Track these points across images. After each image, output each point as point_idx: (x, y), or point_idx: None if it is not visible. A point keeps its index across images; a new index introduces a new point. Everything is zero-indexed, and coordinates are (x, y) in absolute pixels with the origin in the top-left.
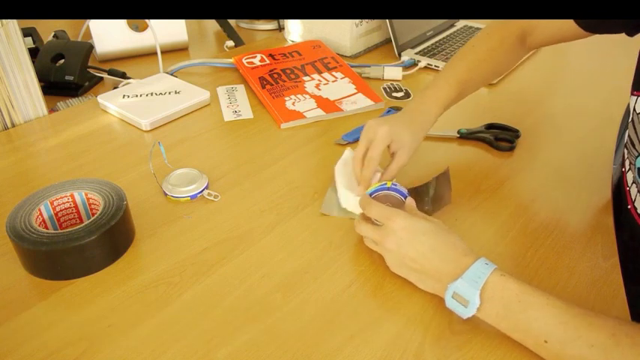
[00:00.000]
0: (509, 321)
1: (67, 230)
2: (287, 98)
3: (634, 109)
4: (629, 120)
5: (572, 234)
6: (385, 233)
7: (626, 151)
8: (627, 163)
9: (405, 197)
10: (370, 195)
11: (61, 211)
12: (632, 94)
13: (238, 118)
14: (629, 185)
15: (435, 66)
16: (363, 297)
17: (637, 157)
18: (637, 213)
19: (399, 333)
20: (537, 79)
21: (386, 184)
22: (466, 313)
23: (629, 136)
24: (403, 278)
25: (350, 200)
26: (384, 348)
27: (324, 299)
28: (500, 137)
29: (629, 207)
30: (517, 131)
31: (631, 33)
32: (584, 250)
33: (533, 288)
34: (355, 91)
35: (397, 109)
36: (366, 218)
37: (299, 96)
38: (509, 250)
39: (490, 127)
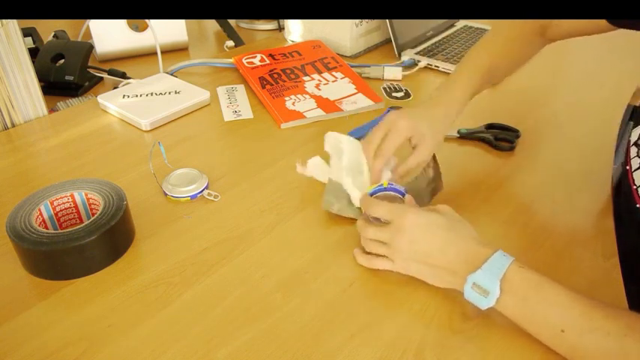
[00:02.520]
0: (526, 311)
1: (67, 230)
2: (287, 98)
3: None
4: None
5: (572, 234)
6: (395, 231)
7: (635, 148)
8: (636, 161)
9: (404, 195)
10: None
11: (61, 211)
12: None
13: (238, 118)
14: (637, 184)
15: (435, 66)
16: (363, 297)
17: None
18: None
19: (399, 333)
20: (538, 79)
21: (382, 184)
22: (486, 303)
23: None
24: (403, 278)
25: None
26: (384, 348)
27: (324, 299)
28: (500, 137)
29: (637, 206)
30: (517, 131)
31: None
32: (584, 250)
33: (551, 279)
34: (355, 91)
35: (397, 109)
36: (367, 219)
37: (299, 96)
38: (509, 250)
39: (490, 127)
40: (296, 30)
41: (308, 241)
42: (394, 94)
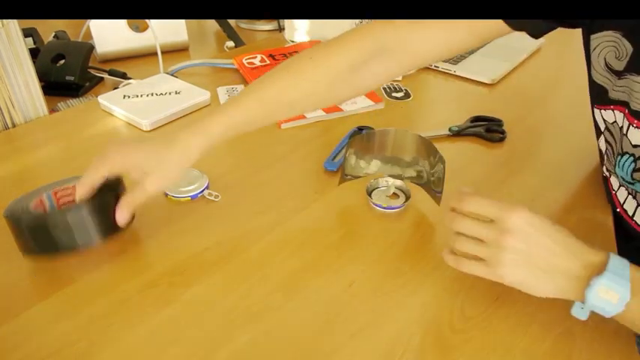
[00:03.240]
0: None
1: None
2: None
3: (604, 120)
4: (603, 129)
5: (572, 233)
6: (504, 229)
7: (606, 157)
8: (606, 169)
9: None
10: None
11: (64, 204)
12: (594, 107)
13: None
14: (615, 189)
15: (435, 66)
16: (363, 297)
17: (614, 166)
18: (628, 215)
19: (399, 333)
20: (537, 78)
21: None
22: (614, 309)
23: (607, 143)
24: (403, 278)
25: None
26: (384, 348)
27: (324, 299)
28: (492, 129)
29: (617, 210)
30: (500, 121)
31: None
32: None
33: None
34: None
35: (367, 128)
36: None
37: None
38: None
39: (476, 119)
40: (296, 30)
41: (308, 241)
42: (394, 94)
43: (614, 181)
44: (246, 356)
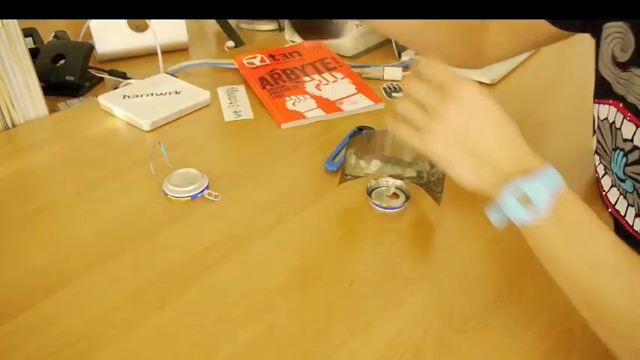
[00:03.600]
0: (566, 240)
1: None
2: (287, 98)
3: (598, 117)
4: (595, 127)
5: None
6: (449, 98)
7: (597, 157)
8: (601, 168)
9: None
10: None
11: None
12: (594, 102)
13: (239, 119)
14: (606, 190)
15: None
16: (363, 297)
17: (610, 162)
18: (620, 215)
19: (399, 333)
20: (537, 78)
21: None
22: (522, 216)
23: (598, 142)
24: (403, 278)
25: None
26: (384, 348)
27: (324, 299)
28: None
29: (609, 210)
30: None
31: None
32: None
33: (594, 213)
34: (355, 91)
35: (367, 128)
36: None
37: (299, 96)
38: (510, 250)
39: None
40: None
41: (308, 241)
42: (394, 95)
43: (606, 182)
44: (246, 356)
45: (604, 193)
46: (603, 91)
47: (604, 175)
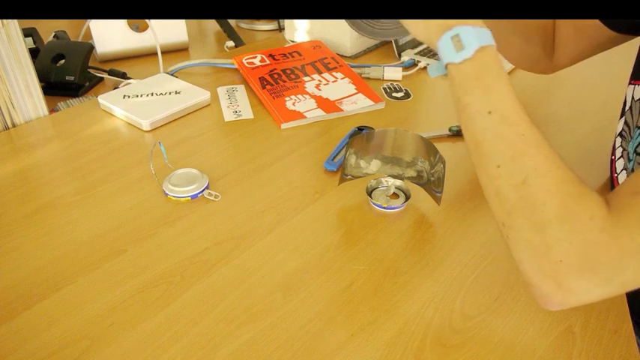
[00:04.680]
0: (475, 81)
1: None
2: (287, 98)
3: (632, 97)
4: (627, 108)
5: None
6: None
7: (619, 139)
8: (619, 150)
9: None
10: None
11: None
12: (630, 83)
13: (239, 119)
14: (618, 172)
15: None
16: (363, 297)
17: (629, 141)
18: None
19: (399, 333)
20: (537, 78)
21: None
22: (452, 57)
23: (625, 123)
24: (403, 278)
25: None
26: (384, 348)
27: (324, 299)
28: None
29: None
30: None
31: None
32: None
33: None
34: (355, 91)
35: (367, 128)
36: None
37: (299, 96)
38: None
39: None
40: (296, 30)
41: (308, 241)
42: (394, 95)
43: (620, 164)
44: (246, 356)
45: (615, 175)
46: None
47: (620, 157)
